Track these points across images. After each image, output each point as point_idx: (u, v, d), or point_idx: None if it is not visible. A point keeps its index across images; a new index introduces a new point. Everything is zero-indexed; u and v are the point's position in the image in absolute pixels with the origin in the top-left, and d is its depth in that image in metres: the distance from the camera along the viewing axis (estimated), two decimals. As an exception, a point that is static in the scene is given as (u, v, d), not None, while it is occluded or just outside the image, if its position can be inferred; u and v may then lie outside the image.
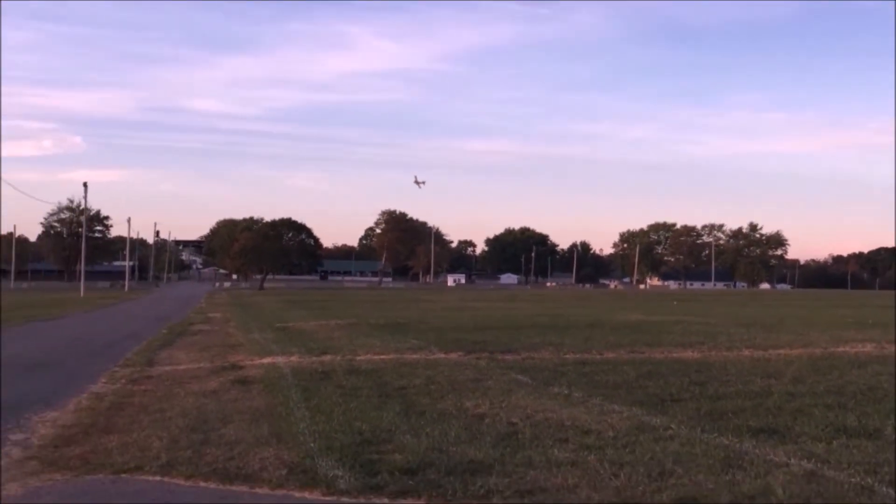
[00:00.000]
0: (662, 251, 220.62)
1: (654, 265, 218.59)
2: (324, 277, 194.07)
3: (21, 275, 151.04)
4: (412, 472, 8.10)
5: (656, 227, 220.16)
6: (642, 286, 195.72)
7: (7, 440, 10.25)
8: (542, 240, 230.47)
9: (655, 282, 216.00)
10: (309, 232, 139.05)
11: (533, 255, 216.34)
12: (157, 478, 8.19)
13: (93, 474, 8.35)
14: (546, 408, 11.84)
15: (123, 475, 8.30)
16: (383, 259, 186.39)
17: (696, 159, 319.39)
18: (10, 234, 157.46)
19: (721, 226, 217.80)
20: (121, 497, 7.49)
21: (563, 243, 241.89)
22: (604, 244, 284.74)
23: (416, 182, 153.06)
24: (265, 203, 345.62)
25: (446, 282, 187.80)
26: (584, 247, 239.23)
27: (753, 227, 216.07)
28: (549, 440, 9.67)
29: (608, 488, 7.59)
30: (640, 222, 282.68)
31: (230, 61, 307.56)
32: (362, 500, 7.34)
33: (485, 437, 9.76)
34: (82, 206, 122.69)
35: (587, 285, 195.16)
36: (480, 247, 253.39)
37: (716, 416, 11.28)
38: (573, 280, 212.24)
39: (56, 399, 13.57)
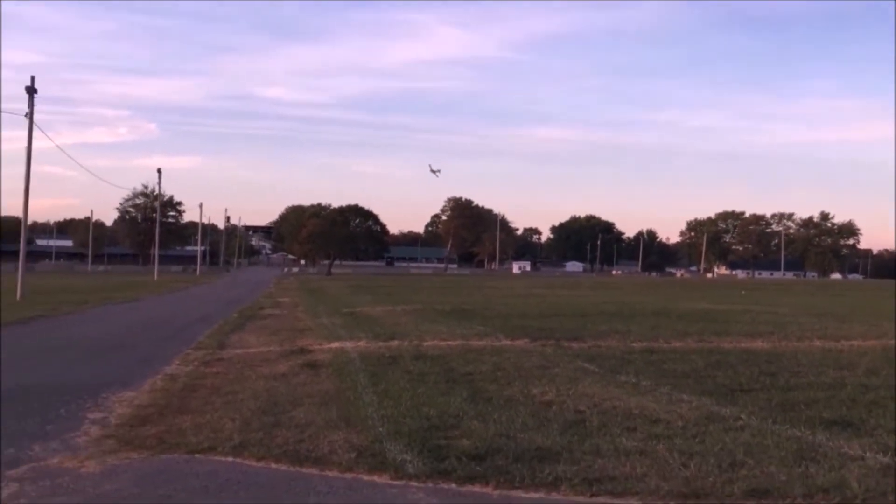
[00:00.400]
0: (730, 240, 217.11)
1: (721, 254, 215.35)
2: (390, 263, 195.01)
3: (98, 258, 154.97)
4: (480, 458, 8.13)
5: (724, 216, 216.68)
6: (709, 275, 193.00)
7: (86, 418, 10.56)
8: (607, 227, 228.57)
9: (723, 271, 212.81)
10: (376, 218, 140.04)
11: (598, 242, 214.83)
12: (230, 458, 8.34)
13: (168, 453, 8.55)
14: (613, 396, 11.78)
15: (197, 455, 8.48)
16: (449, 246, 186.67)
17: (765, 147, 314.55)
18: (88, 219, 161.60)
19: (791, 215, 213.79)
20: (194, 477, 7.65)
21: (630, 231, 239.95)
22: (670, 232, 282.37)
23: (432, 171, 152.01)
24: (333, 189, 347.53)
25: (511, 269, 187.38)
26: (651, 235, 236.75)
27: (825, 217, 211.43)
28: (616, 428, 9.62)
29: (677, 478, 7.53)
30: (707, 211, 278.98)
31: (299, 50, 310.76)
32: (430, 485, 7.39)
33: (552, 425, 9.75)
34: (156, 192, 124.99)
35: (653, 274, 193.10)
36: (546, 234, 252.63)
37: (787, 407, 11.10)
38: (639, 268, 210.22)
39: (132, 380, 13.91)
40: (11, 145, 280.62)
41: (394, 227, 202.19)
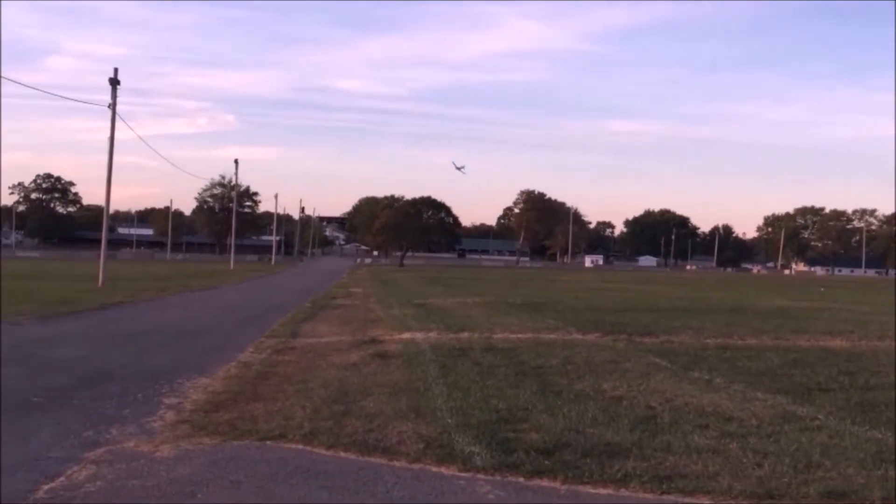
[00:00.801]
0: (809, 236, 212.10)
1: (799, 250, 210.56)
2: (462, 255, 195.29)
3: (177, 247, 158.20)
4: (548, 453, 8.07)
5: (803, 212, 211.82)
6: (787, 271, 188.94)
7: (162, 403, 10.77)
8: (682, 222, 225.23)
9: (801, 267, 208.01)
10: (448, 210, 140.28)
11: (673, 237, 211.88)
12: (300, 446, 8.42)
13: (239, 440, 8.66)
14: (686, 392, 11.60)
15: (268, 442, 8.58)
16: (521, 239, 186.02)
17: (846, 141, 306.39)
18: (168, 208, 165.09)
19: (873, 211, 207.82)
20: (265, 463, 7.74)
21: (705, 226, 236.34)
22: (747, 228, 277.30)
23: (456, 167, 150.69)
24: (407, 181, 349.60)
25: (584, 262, 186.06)
26: (727, 230, 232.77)
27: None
28: (688, 426, 9.47)
29: (751, 478, 7.38)
30: (786, 206, 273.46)
31: (375, 42, 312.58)
32: (497, 478, 7.36)
33: (622, 420, 9.64)
34: (233, 182, 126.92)
35: (729, 269, 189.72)
36: (619, 228, 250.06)
37: (867, 407, 10.81)
38: (714, 263, 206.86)
39: (207, 366, 14.15)
40: (95, 136, 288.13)
41: (466, 220, 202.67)
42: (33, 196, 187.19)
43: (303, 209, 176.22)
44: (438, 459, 7.89)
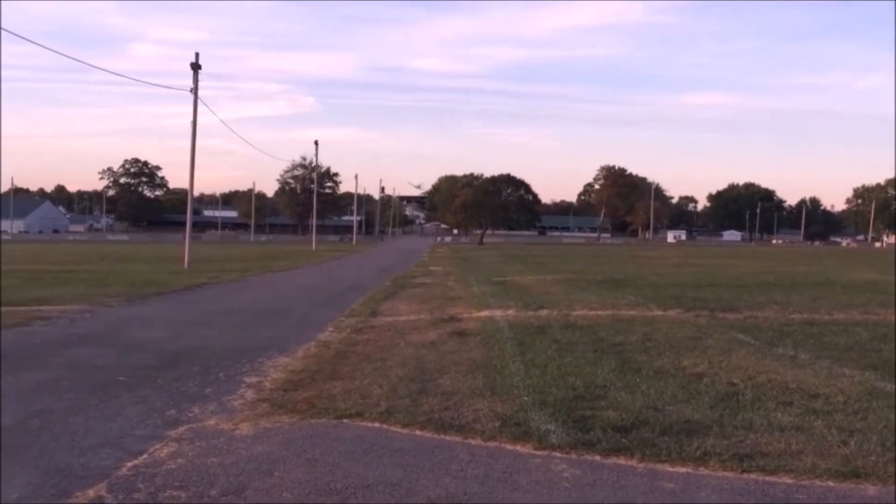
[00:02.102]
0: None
1: (892, 222, 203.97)
2: (542, 233, 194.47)
3: (260, 228, 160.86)
4: (625, 430, 7.96)
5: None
6: (878, 244, 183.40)
7: (242, 382, 10.95)
8: (767, 195, 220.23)
9: (893, 240, 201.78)
10: (527, 188, 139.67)
11: (758, 210, 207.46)
12: (377, 424, 8.46)
13: (317, 418, 8.74)
14: (769, 369, 11.33)
15: (345, 420, 8.64)
16: (602, 215, 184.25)
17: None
18: (251, 190, 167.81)
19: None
20: (341, 441, 7.80)
21: (791, 199, 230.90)
22: (835, 200, 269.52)
23: (415, 187, 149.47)
24: (486, 159, 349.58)
25: (666, 238, 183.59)
26: (814, 202, 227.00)
27: None
28: (771, 403, 9.24)
29: (836, 456, 7.17)
30: (876, 177, 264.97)
31: (451, 20, 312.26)
32: (574, 456, 7.29)
33: (702, 398, 9.46)
34: (314, 164, 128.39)
35: (816, 242, 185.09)
36: (702, 202, 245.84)
37: (960, 384, 10.41)
38: (801, 237, 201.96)
39: (287, 345, 14.34)
40: (178, 120, 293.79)
41: (546, 197, 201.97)
42: (122, 181, 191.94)
43: (383, 189, 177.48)
44: (514, 437, 7.84)
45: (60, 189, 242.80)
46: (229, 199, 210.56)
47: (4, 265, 41.37)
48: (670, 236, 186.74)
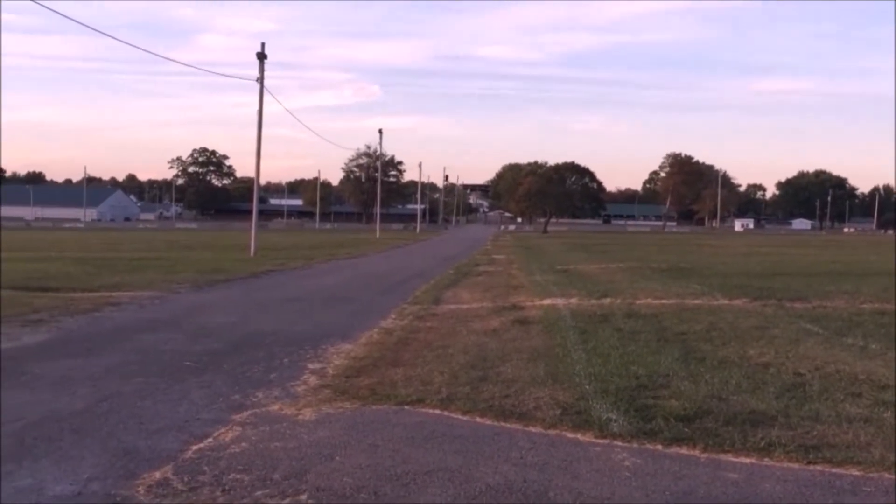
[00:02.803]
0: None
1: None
2: (606, 221, 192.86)
3: (325, 216, 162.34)
4: (688, 420, 7.88)
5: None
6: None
7: (306, 368, 11.07)
8: (839, 183, 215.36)
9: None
10: (592, 176, 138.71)
11: (829, 198, 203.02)
12: (437, 411, 8.49)
13: (378, 404, 8.80)
14: (838, 359, 11.10)
15: (406, 407, 8.68)
16: (667, 203, 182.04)
17: None
18: (316, 179, 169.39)
19: None
20: (402, 427, 7.84)
21: (864, 187, 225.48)
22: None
23: None
24: (550, 147, 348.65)
25: (733, 226, 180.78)
26: (888, 190, 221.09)
27: None
28: (839, 394, 9.06)
29: (905, 449, 7.01)
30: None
31: (517, 7, 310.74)
32: (635, 446, 7.23)
33: (768, 388, 9.31)
34: (378, 152, 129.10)
35: (890, 231, 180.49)
36: (771, 190, 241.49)
37: None
38: (874, 226, 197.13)
39: (350, 332, 14.46)
40: (245, 110, 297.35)
41: (611, 185, 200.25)
42: (190, 170, 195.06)
43: (447, 177, 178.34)
44: (575, 426, 7.81)
45: (131, 178, 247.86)
46: (295, 188, 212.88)
47: (81, 252, 42.40)
48: (737, 225, 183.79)
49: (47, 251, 43.08)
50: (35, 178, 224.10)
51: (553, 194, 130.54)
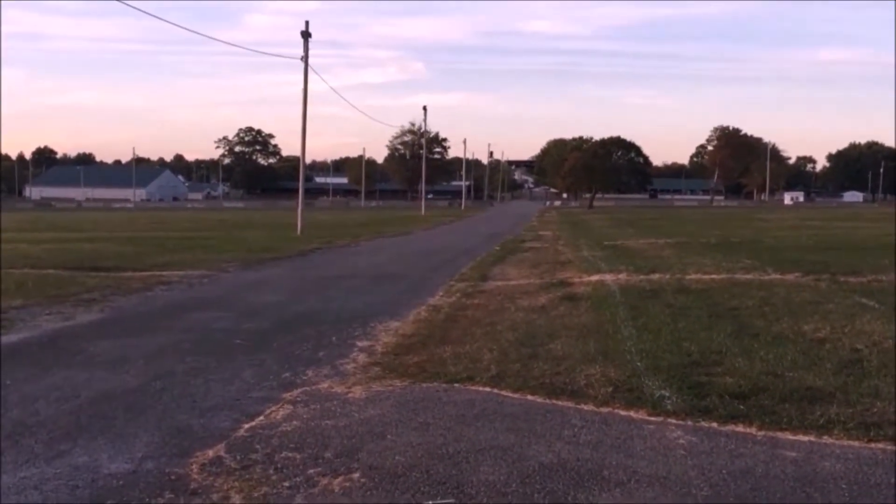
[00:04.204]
0: None
1: None
2: (653, 196, 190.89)
3: (370, 194, 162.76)
4: (743, 397, 7.74)
5: None
6: None
7: (355, 346, 11.08)
8: (892, 154, 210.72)
9: None
10: (638, 150, 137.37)
11: (881, 171, 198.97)
12: (487, 389, 8.44)
13: (428, 382, 8.77)
14: (896, 335, 10.85)
15: (456, 384, 8.64)
16: (715, 177, 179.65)
17: None
18: (361, 157, 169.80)
19: None
20: (452, 405, 7.80)
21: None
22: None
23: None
24: (595, 122, 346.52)
25: (783, 200, 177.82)
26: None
27: None
28: (899, 370, 8.85)
29: (969, 426, 6.82)
30: None
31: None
32: (689, 423, 7.12)
33: (824, 364, 9.12)
34: (423, 129, 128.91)
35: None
36: (821, 163, 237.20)
37: None
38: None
39: (399, 309, 14.46)
40: (290, 89, 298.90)
41: (657, 159, 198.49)
42: (237, 149, 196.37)
43: (491, 153, 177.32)
44: (627, 403, 7.72)
45: (179, 158, 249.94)
46: (340, 166, 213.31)
47: (133, 231, 42.95)
48: (787, 198, 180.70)
49: (97, 231, 43.71)
50: (85, 160, 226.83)
51: (599, 169, 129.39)
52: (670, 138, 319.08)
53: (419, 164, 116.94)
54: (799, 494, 5.61)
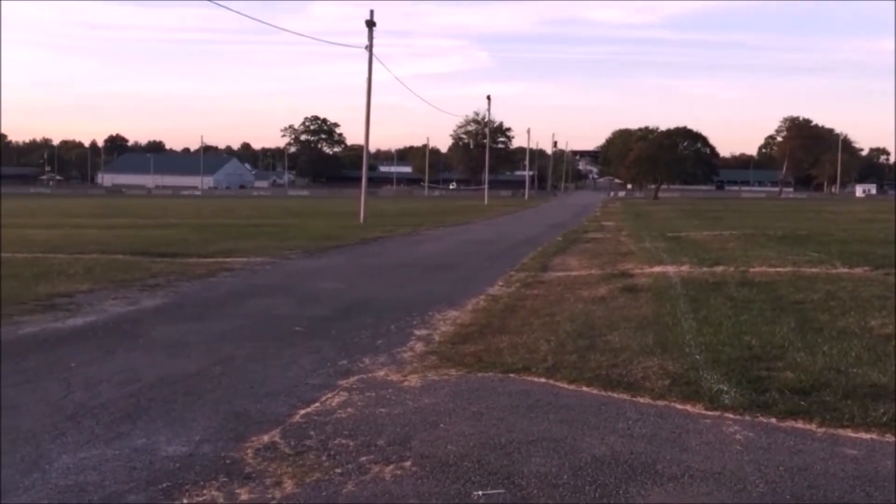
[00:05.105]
0: None
1: None
2: (720, 187, 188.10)
3: (434, 183, 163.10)
4: (804, 392, 7.59)
5: None
6: None
7: (412, 335, 11.11)
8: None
9: None
10: (705, 141, 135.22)
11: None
12: (543, 379, 8.40)
13: (483, 372, 8.76)
14: (967, 332, 10.53)
15: (511, 374, 8.61)
16: (784, 168, 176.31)
17: None
18: (425, 146, 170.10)
19: None
20: (507, 396, 7.78)
21: None
22: None
23: None
24: (661, 112, 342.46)
25: (854, 192, 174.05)
26: None
27: None
28: (969, 369, 8.59)
29: None
30: None
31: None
32: (747, 418, 7.00)
33: (891, 360, 8.87)
34: (486, 119, 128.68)
35: None
36: (895, 155, 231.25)
37: None
38: None
39: (457, 299, 14.46)
40: (355, 78, 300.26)
41: (724, 150, 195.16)
42: (303, 138, 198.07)
43: (555, 143, 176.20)
44: (684, 397, 7.62)
45: (246, 146, 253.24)
46: (404, 155, 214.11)
47: (199, 218, 43.64)
48: (859, 190, 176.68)
49: (165, 218, 44.50)
50: (155, 147, 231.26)
51: (664, 160, 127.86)
52: (738, 129, 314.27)
53: (483, 154, 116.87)
54: (858, 493, 5.49)
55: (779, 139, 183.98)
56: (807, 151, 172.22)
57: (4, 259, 19.61)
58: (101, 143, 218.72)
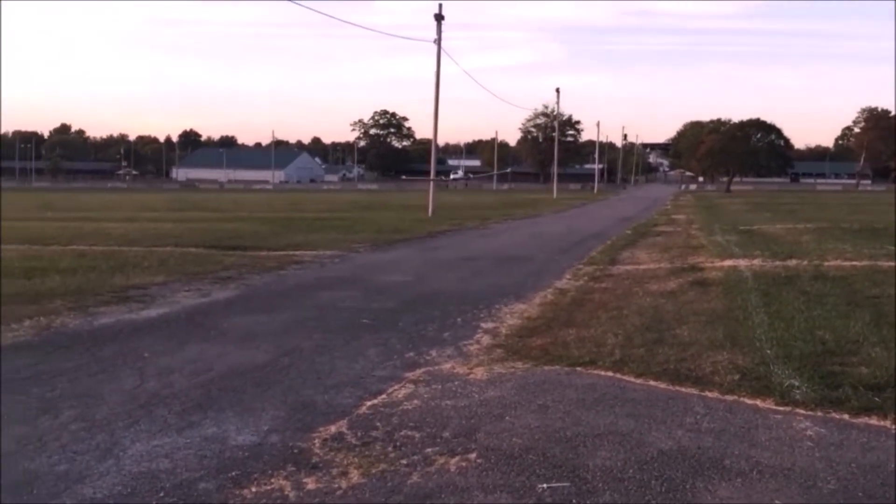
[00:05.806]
0: None
1: None
2: (794, 180, 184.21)
3: (502, 177, 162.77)
4: (879, 389, 7.42)
5: None
6: None
7: (479, 328, 11.12)
8: None
9: None
10: (779, 132, 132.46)
11: None
12: (610, 373, 8.35)
13: (550, 365, 8.74)
14: None
15: (578, 368, 8.58)
16: (861, 160, 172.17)
17: None
18: (493, 139, 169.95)
19: None
20: (573, 389, 7.75)
21: None
22: None
23: None
24: (734, 103, 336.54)
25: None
26: None
27: None
28: None
29: None
30: None
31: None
32: (818, 414, 6.87)
33: (971, 357, 8.65)
34: (555, 112, 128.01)
35: None
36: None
37: None
38: None
39: (525, 292, 14.43)
40: (423, 72, 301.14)
41: (799, 142, 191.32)
42: (372, 132, 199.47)
43: (625, 136, 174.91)
44: (754, 392, 7.51)
45: (316, 140, 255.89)
46: (473, 149, 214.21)
47: (270, 212, 44.25)
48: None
49: (237, 211, 45.21)
50: (228, 142, 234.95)
51: (737, 152, 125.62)
52: (814, 120, 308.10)
53: (551, 147, 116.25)
54: (934, 492, 5.35)
55: (856, 130, 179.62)
56: (885, 143, 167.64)
57: (83, 252, 20.15)
58: (175, 139, 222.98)
